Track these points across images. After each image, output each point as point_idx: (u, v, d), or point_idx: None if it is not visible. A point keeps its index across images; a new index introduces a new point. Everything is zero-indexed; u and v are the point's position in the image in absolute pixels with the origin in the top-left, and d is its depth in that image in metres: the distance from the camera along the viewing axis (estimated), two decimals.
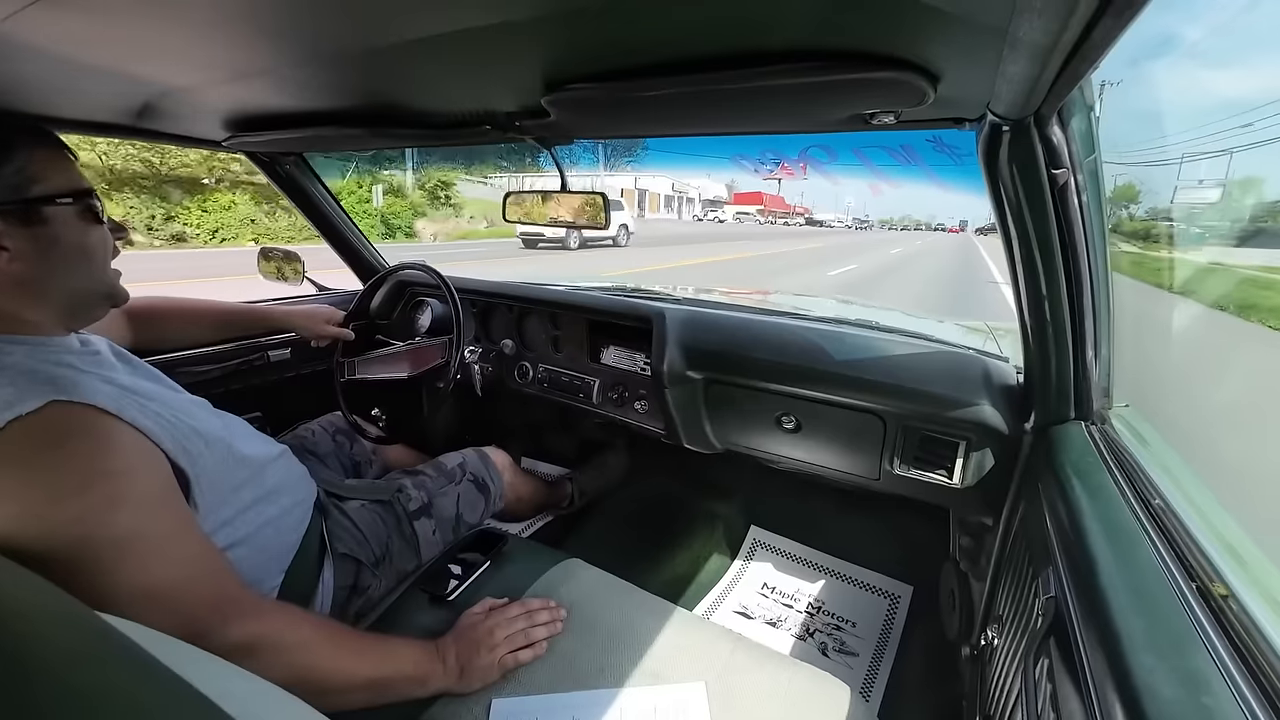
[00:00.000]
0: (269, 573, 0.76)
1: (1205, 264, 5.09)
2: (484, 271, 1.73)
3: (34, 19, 0.50)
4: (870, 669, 1.20)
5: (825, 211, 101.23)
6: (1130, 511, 0.57)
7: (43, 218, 0.62)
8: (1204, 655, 0.39)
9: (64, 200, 0.64)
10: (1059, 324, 0.72)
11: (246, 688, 0.42)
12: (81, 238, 0.66)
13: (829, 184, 79.18)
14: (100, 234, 0.68)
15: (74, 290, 0.67)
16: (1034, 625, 0.56)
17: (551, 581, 0.90)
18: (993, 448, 0.93)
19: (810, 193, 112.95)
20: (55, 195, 0.63)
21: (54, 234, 0.63)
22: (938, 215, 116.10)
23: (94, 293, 0.70)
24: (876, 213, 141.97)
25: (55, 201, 0.63)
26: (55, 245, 0.64)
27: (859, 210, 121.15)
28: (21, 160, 0.61)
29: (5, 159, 0.60)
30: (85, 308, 0.70)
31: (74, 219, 0.65)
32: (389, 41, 0.55)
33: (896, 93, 0.56)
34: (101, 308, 0.72)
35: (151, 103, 0.83)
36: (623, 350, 1.35)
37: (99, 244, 0.68)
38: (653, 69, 0.58)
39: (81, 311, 0.69)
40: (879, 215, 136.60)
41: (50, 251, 0.63)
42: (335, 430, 1.22)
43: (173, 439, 0.63)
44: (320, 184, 1.45)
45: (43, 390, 0.55)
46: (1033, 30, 0.36)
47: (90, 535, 0.53)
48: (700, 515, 1.57)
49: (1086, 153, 0.59)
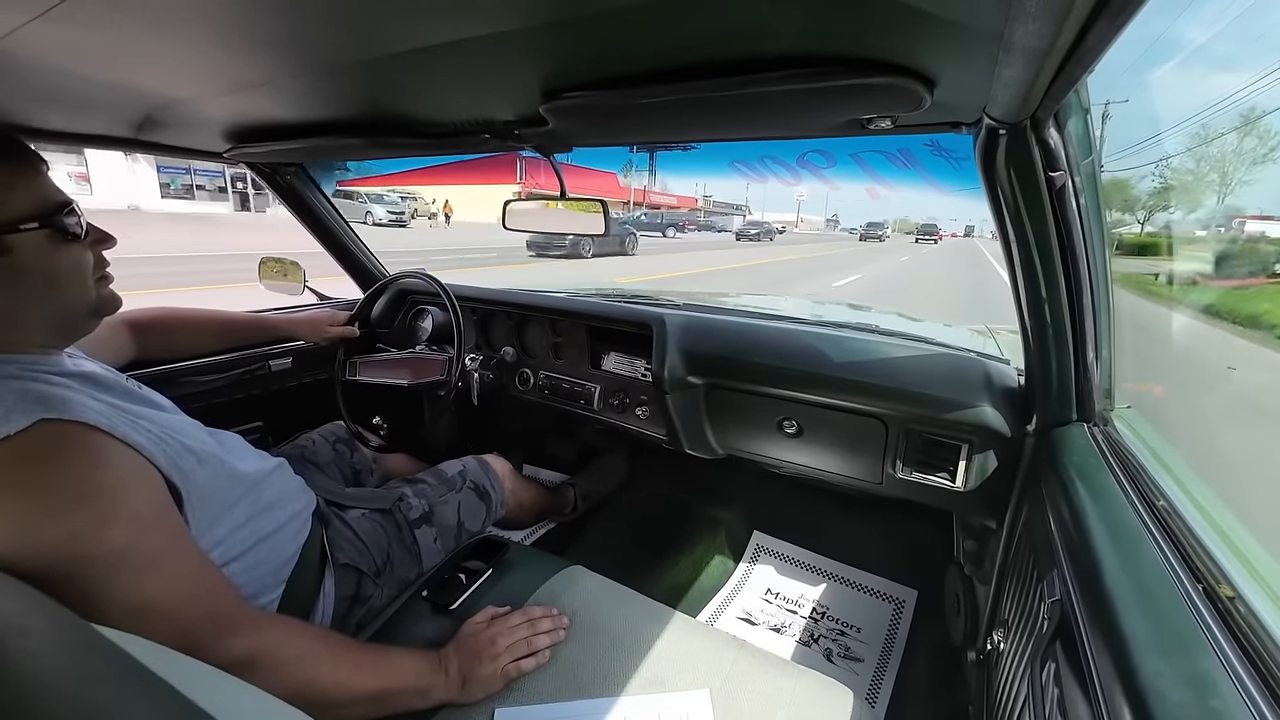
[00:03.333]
0: (267, 585, 0.76)
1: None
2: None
3: (36, 34, 0.50)
4: (875, 674, 1.19)
5: (781, 210, 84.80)
6: (1134, 513, 0.57)
7: (4, 247, 0.57)
8: (1211, 657, 0.39)
9: (28, 226, 0.59)
10: (1059, 326, 0.72)
11: (247, 702, 0.41)
12: (51, 262, 0.61)
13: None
14: (74, 253, 0.64)
15: (52, 314, 0.64)
16: (1039, 629, 0.56)
17: (554, 589, 0.89)
18: (995, 450, 0.93)
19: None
20: (17, 221, 0.58)
21: (19, 264, 0.59)
22: (912, 217, 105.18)
23: (76, 312, 0.66)
24: (855, 212, 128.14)
25: (17, 229, 0.58)
26: (23, 273, 0.59)
27: (823, 208, 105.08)
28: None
29: None
30: (70, 326, 0.67)
31: (42, 243, 0.60)
32: (387, 52, 0.56)
33: (893, 98, 0.56)
34: (89, 322, 0.69)
35: (153, 115, 0.84)
36: (623, 356, 1.35)
37: (73, 264, 0.64)
38: (650, 76, 0.58)
39: (67, 330, 0.67)
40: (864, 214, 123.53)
41: (17, 282, 0.59)
42: (336, 439, 1.22)
43: (165, 455, 0.63)
44: (320, 193, 1.46)
45: (32, 409, 0.54)
46: (1028, 34, 0.36)
47: (83, 552, 0.52)
48: (702, 521, 1.56)
49: (1083, 155, 0.60)
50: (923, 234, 45.91)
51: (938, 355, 1.05)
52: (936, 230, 48.29)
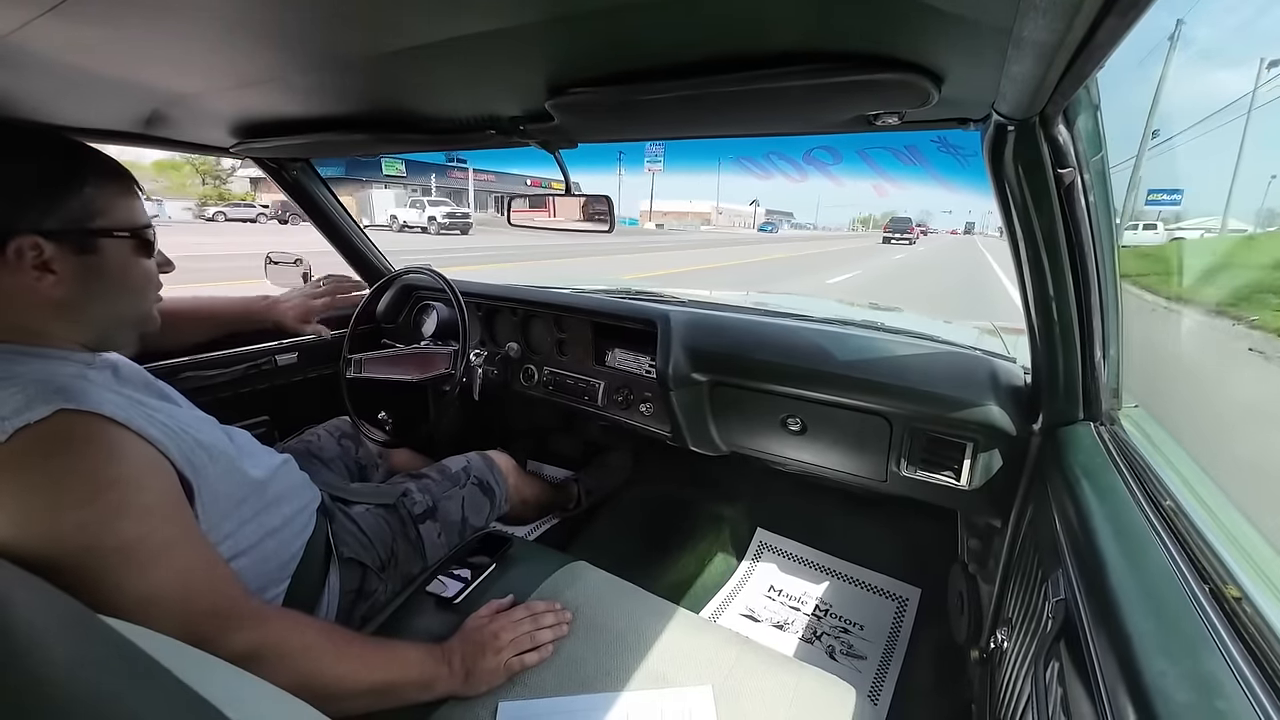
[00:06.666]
0: (273, 580, 0.76)
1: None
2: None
3: (45, 29, 0.50)
4: (878, 672, 1.19)
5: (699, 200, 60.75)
6: (1140, 513, 0.57)
7: (96, 248, 0.64)
8: (1217, 658, 0.39)
9: (121, 234, 0.66)
10: (1066, 324, 0.71)
11: (252, 692, 0.42)
12: (128, 270, 0.68)
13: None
14: (146, 268, 0.70)
15: (109, 317, 0.68)
16: (1044, 628, 0.56)
17: (557, 584, 0.90)
18: (1001, 449, 0.93)
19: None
20: (114, 228, 0.65)
21: (103, 264, 0.65)
22: (899, 210, 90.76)
23: (128, 321, 0.71)
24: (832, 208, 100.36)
25: (113, 234, 0.65)
26: (101, 275, 0.65)
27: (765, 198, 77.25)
28: (91, 192, 0.63)
29: (74, 189, 0.62)
30: (116, 334, 0.70)
31: (126, 252, 0.67)
32: (393, 48, 0.56)
33: (900, 94, 0.55)
34: (130, 337, 0.72)
35: (160, 110, 0.84)
36: (628, 353, 1.35)
37: (143, 277, 0.70)
38: (656, 72, 0.58)
39: (112, 337, 0.70)
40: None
41: (95, 280, 0.65)
42: (341, 434, 1.23)
43: (179, 450, 0.64)
44: (326, 188, 1.46)
45: (52, 399, 0.55)
46: (1037, 29, 0.36)
47: (94, 543, 0.53)
48: (706, 518, 1.56)
49: (1093, 152, 0.59)
50: (893, 232, 35.72)
51: (943, 353, 1.05)
52: (910, 226, 37.37)
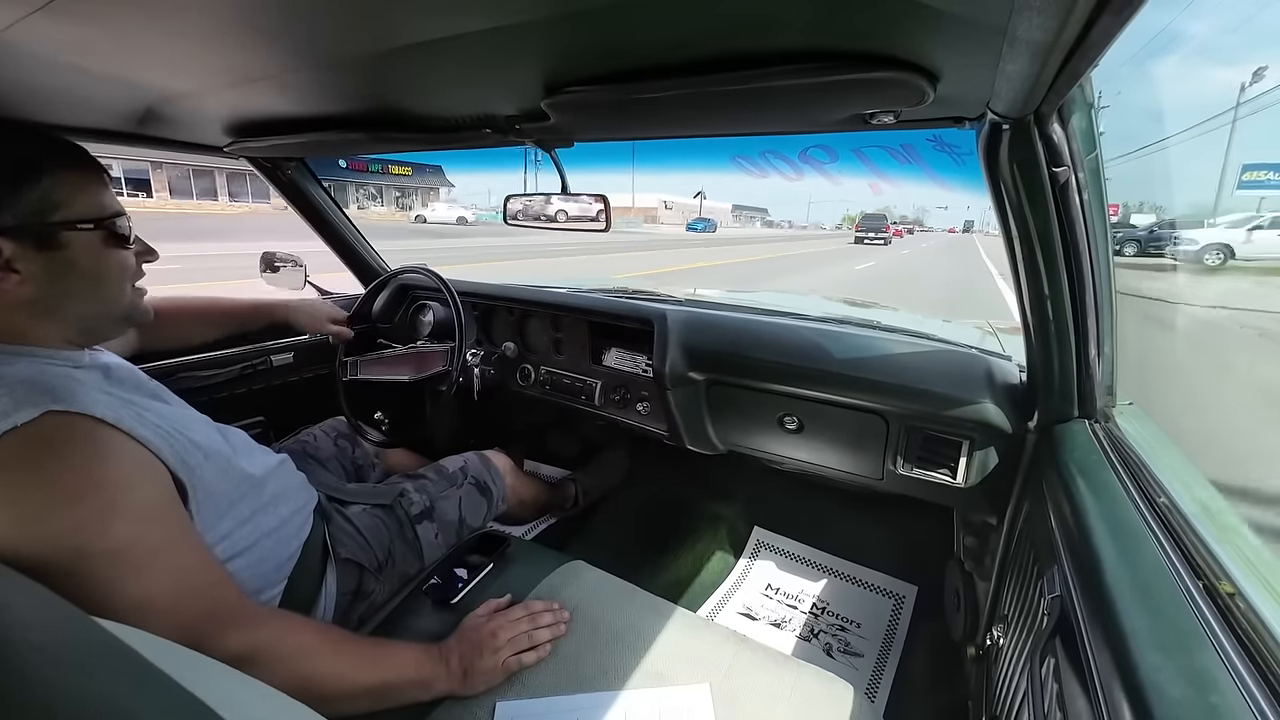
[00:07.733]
0: (270, 581, 0.76)
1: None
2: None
3: (36, 26, 0.50)
4: (875, 669, 1.20)
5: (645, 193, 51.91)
6: (1135, 509, 0.57)
7: (60, 242, 0.61)
8: (1211, 654, 0.39)
9: (85, 225, 0.63)
10: (1061, 322, 0.72)
11: (249, 694, 0.42)
12: (98, 263, 0.65)
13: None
14: (120, 258, 0.67)
15: (85, 313, 0.66)
16: (1039, 624, 0.56)
17: (555, 583, 0.90)
18: (996, 446, 0.93)
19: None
20: (77, 220, 0.62)
21: (70, 259, 0.62)
22: (894, 208, 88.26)
23: (107, 315, 0.69)
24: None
25: (76, 227, 0.62)
26: (71, 270, 0.63)
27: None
28: (49, 184, 0.60)
29: (31, 182, 0.59)
30: (98, 328, 0.69)
31: (95, 244, 0.64)
32: (389, 46, 0.55)
33: (896, 92, 0.55)
34: (117, 329, 0.71)
35: (154, 109, 0.84)
36: (624, 352, 1.35)
37: (116, 268, 0.67)
38: (652, 71, 0.58)
39: (95, 331, 0.69)
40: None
41: (63, 276, 0.62)
42: (337, 434, 1.22)
43: (172, 450, 0.63)
44: (321, 188, 1.46)
45: (40, 400, 0.55)
46: (1032, 28, 0.36)
47: (86, 546, 0.52)
48: (703, 516, 1.57)
49: (1087, 150, 0.59)
50: (866, 231, 31.27)
51: (939, 351, 1.05)
52: (885, 224, 32.54)
